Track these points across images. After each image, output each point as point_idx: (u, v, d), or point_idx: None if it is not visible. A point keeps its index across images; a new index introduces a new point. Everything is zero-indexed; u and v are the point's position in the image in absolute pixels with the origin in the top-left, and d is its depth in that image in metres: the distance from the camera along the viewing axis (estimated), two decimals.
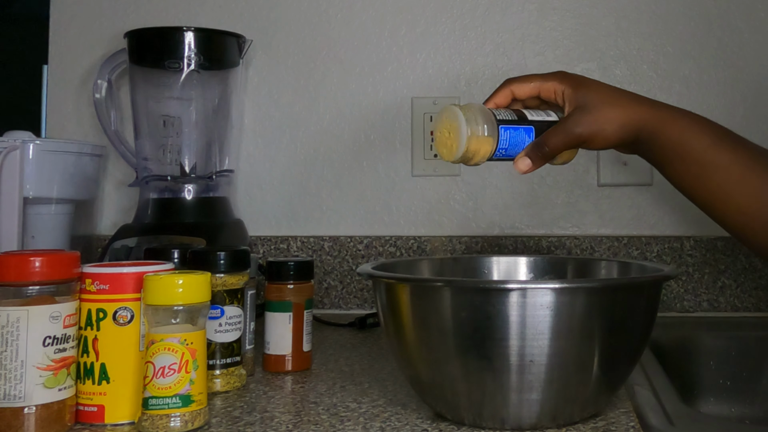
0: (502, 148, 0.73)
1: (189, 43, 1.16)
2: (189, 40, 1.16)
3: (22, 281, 0.62)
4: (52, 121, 1.35)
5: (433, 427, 0.65)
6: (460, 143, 0.71)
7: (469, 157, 0.73)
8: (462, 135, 0.71)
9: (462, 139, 0.71)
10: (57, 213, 1.14)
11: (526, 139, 0.73)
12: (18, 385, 0.61)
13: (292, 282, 0.85)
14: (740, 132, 0.72)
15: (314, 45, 1.31)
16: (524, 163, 0.73)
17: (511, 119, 0.74)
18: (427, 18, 1.30)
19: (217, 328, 0.77)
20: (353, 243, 1.27)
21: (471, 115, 0.72)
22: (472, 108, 0.73)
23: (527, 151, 0.73)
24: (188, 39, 1.16)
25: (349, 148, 1.30)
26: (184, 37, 1.16)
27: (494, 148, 0.73)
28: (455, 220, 1.27)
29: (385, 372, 0.84)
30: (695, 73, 1.25)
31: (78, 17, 1.35)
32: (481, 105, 0.75)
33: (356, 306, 1.26)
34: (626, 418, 0.67)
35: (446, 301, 0.62)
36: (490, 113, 0.73)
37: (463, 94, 1.28)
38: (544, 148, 0.73)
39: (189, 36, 1.16)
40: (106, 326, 0.66)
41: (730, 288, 1.21)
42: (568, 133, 0.72)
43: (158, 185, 1.16)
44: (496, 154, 0.73)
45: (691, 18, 1.25)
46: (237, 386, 0.77)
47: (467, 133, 0.71)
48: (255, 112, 1.32)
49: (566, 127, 0.72)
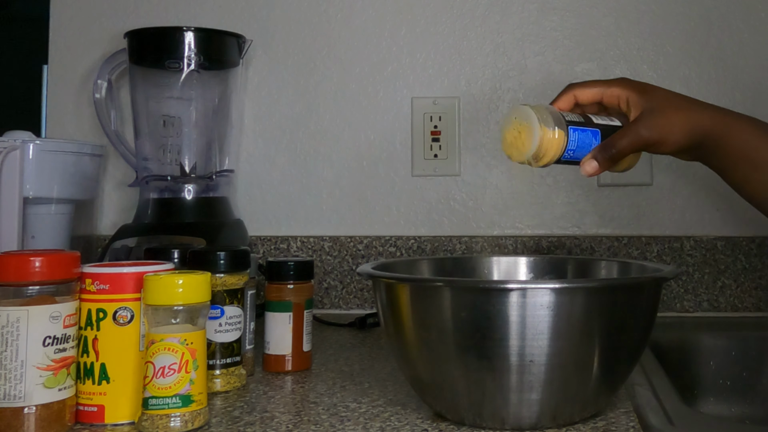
0: (570, 149, 0.73)
1: (189, 43, 1.16)
2: (189, 40, 1.16)
3: (22, 281, 0.62)
4: (52, 121, 1.35)
5: (433, 427, 0.65)
6: (532, 142, 0.71)
7: (539, 157, 0.72)
8: (534, 134, 0.71)
9: (534, 138, 0.71)
10: (57, 213, 1.14)
11: (593, 141, 0.74)
12: (18, 385, 0.61)
13: (292, 282, 0.85)
14: None
15: (314, 45, 1.31)
16: (591, 165, 0.74)
17: (579, 121, 0.74)
18: (427, 18, 1.30)
19: (217, 328, 0.77)
20: (353, 243, 1.27)
21: (542, 114, 0.72)
22: (542, 108, 0.72)
23: (594, 154, 0.74)
24: (188, 39, 1.16)
25: (349, 148, 1.30)
26: (184, 37, 1.16)
27: (563, 148, 0.73)
28: (455, 220, 1.27)
29: (385, 372, 0.84)
30: (695, 73, 1.25)
31: (78, 17, 1.35)
32: (550, 105, 0.75)
33: (356, 306, 1.26)
34: (626, 418, 0.67)
35: (446, 301, 0.62)
36: (560, 114, 0.73)
37: (463, 94, 1.28)
38: (612, 150, 0.73)
39: (189, 36, 1.16)
40: (106, 326, 0.66)
41: (730, 288, 1.21)
42: (637, 136, 0.73)
43: (158, 185, 1.16)
44: (564, 155, 0.73)
45: (691, 18, 1.25)
46: (237, 386, 0.77)
47: (539, 133, 0.71)
48: (255, 112, 1.32)
49: (634, 130, 0.73)
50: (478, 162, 1.27)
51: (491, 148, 1.27)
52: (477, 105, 1.28)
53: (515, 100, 1.27)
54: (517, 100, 1.27)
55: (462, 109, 1.28)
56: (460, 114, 1.28)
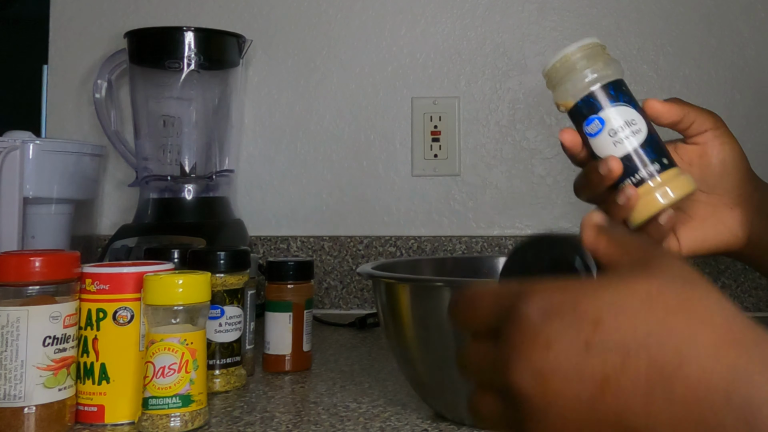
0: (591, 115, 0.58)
1: (189, 43, 1.16)
2: (189, 40, 1.16)
3: (22, 281, 0.62)
4: (52, 121, 1.35)
5: (433, 427, 0.65)
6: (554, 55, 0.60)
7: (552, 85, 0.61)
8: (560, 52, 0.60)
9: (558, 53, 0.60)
10: (57, 213, 1.14)
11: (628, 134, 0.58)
12: (18, 385, 0.61)
13: (292, 282, 0.85)
14: (740, 131, 0.72)
15: (314, 45, 1.31)
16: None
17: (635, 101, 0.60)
18: (427, 18, 1.30)
19: (217, 328, 0.77)
20: (353, 243, 1.27)
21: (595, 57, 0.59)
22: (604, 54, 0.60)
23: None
24: (188, 39, 1.16)
25: (349, 148, 1.30)
26: (184, 37, 1.16)
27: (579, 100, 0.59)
28: (455, 220, 1.27)
29: (385, 372, 0.84)
30: (695, 73, 1.25)
31: (78, 17, 1.35)
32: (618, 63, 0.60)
33: (356, 306, 1.26)
34: None
35: (446, 301, 0.62)
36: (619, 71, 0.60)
37: (463, 94, 1.28)
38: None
39: (189, 36, 1.16)
40: (106, 326, 0.66)
41: (730, 288, 1.21)
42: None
43: (158, 185, 1.17)
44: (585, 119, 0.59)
45: (691, 18, 1.25)
46: (237, 386, 0.77)
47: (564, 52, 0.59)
48: (255, 112, 1.32)
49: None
50: (478, 162, 1.27)
51: (491, 148, 1.27)
52: (477, 105, 1.28)
53: (515, 100, 1.27)
54: (517, 100, 1.27)
55: (462, 109, 1.28)
56: (460, 114, 1.28)
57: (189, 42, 1.16)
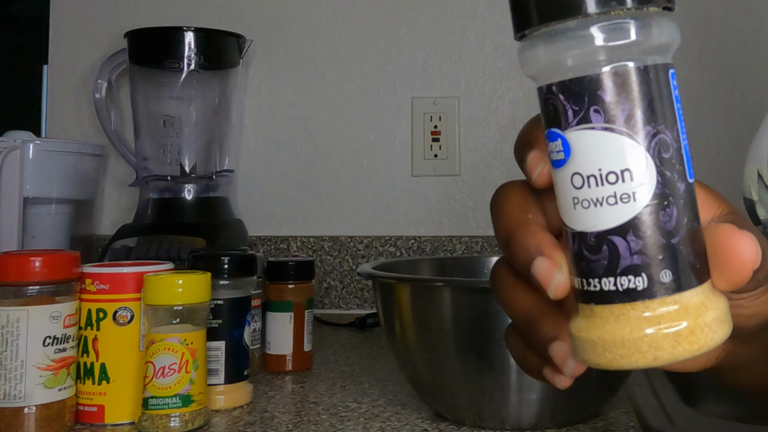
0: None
1: (189, 43, 1.16)
2: (189, 40, 1.16)
3: (22, 281, 0.62)
4: (52, 121, 1.36)
5: (433, 427, 0.65)
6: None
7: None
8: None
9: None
10: (57, 213, 1.14)
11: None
12: (18, 385, 0.61)
13: (293, 282, 0.85)
14: (740, 132, 0.72)
15: (314, 45, 1.31)
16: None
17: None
18: (427, 18, 1.30)
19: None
20: (353, 243, 1.27)
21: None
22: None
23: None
24: (188, 39, 1.16)
25: (349, 148, 1.30)
26: (184, 37, 1.16)
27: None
28: (455, 220, 1.27)
29: (385, 372, 0.84)
30: (695, 73, 1.25)
31: (78, 17, 1.35)
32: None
33: (356, 306, 1.26)
34: (626, 418, 0.67)
35: (446, 301, 0.62)
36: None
37: (463, 94, 1.28)
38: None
39: (189, 36, 1.16)
40: (106, 326, 0.66)
41: None
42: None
43: (158, 185, 1.17)
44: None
45: (691, 18, 1.25)
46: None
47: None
48: (255, 112, 1.32)
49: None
50: (478, 162, 1.27)
51: (491, 148, 1.27)
52: (477, 105, 1.28)
53: (515, 100, 1.27)
54: (517, 101, 1.27)
55: (462, 109, 1.28)
56: (460, 114, 1.28)
57: (189, 42, 1.16)
